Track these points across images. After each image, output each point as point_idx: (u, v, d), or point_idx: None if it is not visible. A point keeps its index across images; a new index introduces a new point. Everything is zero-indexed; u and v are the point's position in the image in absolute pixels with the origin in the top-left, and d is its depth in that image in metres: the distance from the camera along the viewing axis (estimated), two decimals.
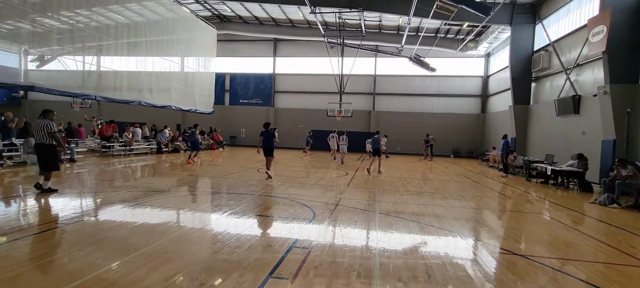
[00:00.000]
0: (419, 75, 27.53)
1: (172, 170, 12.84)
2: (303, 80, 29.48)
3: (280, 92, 30.03)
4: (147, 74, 17.96)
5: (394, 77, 28.16)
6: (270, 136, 10.81)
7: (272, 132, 10.93)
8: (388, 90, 28.26)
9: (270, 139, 10.81)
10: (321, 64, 28.16)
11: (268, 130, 10.94)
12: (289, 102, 29.76)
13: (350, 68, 25.04)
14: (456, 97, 27.23)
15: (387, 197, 8.72)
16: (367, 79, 28.52)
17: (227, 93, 30.69)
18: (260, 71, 30.23)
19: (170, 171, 12.46)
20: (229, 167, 13.79)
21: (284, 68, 29.90)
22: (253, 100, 30.17)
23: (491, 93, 25.59)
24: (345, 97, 26.00)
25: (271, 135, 10.83)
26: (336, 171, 14.28)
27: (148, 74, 18.05)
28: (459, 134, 26.80)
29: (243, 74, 30.35)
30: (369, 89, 28.52)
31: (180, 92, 21.19)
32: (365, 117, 28.27)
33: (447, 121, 26.93)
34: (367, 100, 28.60)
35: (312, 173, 13.14)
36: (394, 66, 27.89)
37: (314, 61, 29.09)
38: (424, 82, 27.62)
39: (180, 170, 12.86)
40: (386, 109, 28.23)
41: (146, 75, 17.91)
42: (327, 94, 27.95)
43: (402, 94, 28.01)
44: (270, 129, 10.90)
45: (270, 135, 10.81)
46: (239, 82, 30.38)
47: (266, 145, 10.91)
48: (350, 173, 13.40)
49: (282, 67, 29.98)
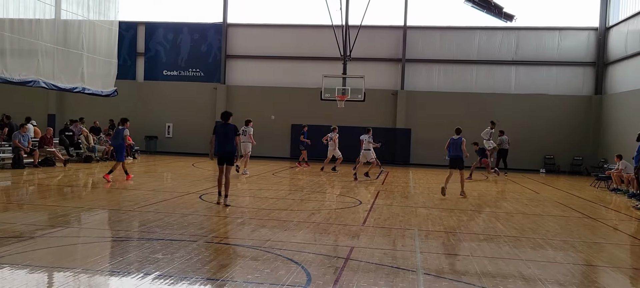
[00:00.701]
0: (484, 28, 27.80)
1: (44, 195, 12.57)
2: (277, 36, 29.58)
3: (236, 57, 30.09)
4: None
5: (438, 30, 28.44)
6: (230, 134, 11.26)
7: (233, 128, 11.34)
8: (428, 54, 28.49)
9: (231, 138, 11.28)
10: (310, 8, 28.21)
11: (227, 125, 11.33)
12: (252, 76, 29.84)
13: (362, 15, 25.14)
14: (549, 66, 27.66)
15: (434, 244, 8.67)
16: (391, 34, 28.77)
17: (140, 59, 30.55)
18: (199, 19, 30.20)
19: (40, 198, 12.16)
20: (149, 192, 13.63)
21: (243, 14, 29.90)
22: (187, 72, 30.10)
23: (614, 58, 26.01)
24: (354, 66, 26.03)
25: (232, 133, 11.29)
26: (338, 197, 14.25)
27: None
28: (555, 132, 27.17)
29: (169, 24, 30.37)
30: (394, 52, 28.76)
31: (54, 57, 20.96)
32: (388, 100, 28.43)
33: (533, 109, 27.33)
34: (391, 72, 28.79)
35: (299, 200, 13.08)
36: (439, 11, 28.11)
37: (298, 1, 29.11)
38: (492, 40, 27.96)
39: (58, 195, 12.57)
40: (424, 87, 28.45)
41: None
42: (321, 62, 27.99)
43: (452, 61, 28.27)
44: (231, 124, 11.43)
45: (230, 133, 11.26)
46: (161, 39, 30.34)
47: (222, 149, 11.37)
48: (366, 200, 13.38)
49: (239, 12, 29.97)
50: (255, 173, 19.67)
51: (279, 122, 28.00)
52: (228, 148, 11.47)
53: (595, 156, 26.19)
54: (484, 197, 15.72)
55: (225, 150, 11.47)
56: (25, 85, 19.94)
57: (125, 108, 28.69)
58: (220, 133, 11.50)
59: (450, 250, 8.23)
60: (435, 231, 9.78)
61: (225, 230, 8.97)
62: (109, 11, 24.79)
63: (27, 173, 17.45)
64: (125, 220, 9.88)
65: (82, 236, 8.70)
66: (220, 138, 11.49)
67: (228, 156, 11.51)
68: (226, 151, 11.48)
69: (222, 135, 11.43)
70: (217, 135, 11.61)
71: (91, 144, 22.39)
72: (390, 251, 8.05)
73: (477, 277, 6.74)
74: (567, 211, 13.25)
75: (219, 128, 11.59)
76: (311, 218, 10.52)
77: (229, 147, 11.46)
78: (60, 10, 21.75)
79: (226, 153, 11.51)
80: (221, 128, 11.50)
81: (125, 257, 7.19)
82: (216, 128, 11.73)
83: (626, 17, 24.42)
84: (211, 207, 11.40)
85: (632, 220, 12.46)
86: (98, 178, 17.21)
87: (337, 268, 6.87)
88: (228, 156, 11.51)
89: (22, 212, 10.61)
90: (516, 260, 7.77)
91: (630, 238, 10.46)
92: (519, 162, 26.56)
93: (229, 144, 11.42)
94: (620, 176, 18.05)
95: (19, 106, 26.44)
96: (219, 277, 6.28)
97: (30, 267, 6.50)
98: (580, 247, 8.99)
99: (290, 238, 8.60)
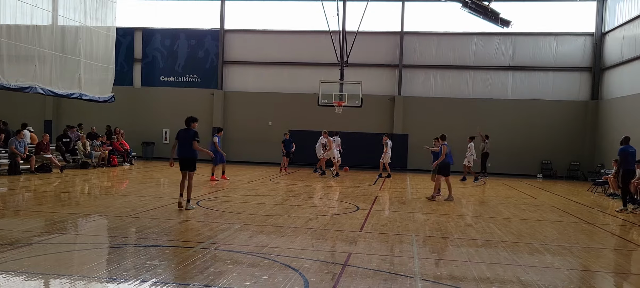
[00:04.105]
0: (481, 33, 27.88)
1: (40, 202, 12.56)
2: (274, 42, 29.60)
3: (233, 63, 30.11)
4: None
5: (435, 36, 28.51)
6: (189, 139, 11.45)
7: (193, 134, 11.49)
8: (424, 60, 28.57)
9: (189, 144, 11.45)
10: (307, 14, 28.27)
11: (188, 130, 11.56)
12: (249, 82, 29.86)
13: (359, 21, 25.18)
14: (546, 72, 27.76)
15: (432, 250, 8.67)
16: (388, 39, 28.83)
17: (137, 65, 30.54)
18: (197, 25, 30.23)
19: (37, 204, 12.18)
20: (146, 198, 13.59)
21: (240, 19, 29.93)
22: (185, 78, 30.09)
23: (610, 64, 26.13)
24: (351, 72, 26.08)
25: (191, 139, 11.45)
26: (336, 203, 14.24)
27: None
28: (552, 138, 27.26)
29: (167, 30, 30.39)
30: (391, 57, 28.82)
31: (51, 63, 20.96)
32: (385, 106, 28.48)
33: (530, 114, 27.39)
34: (389, 78, 28.85)
35: (296, 206, 13.04)
36: (436, 17, 28.19)
37: (295, 7, 29.15)
38: (489, 46, 28.06)
39: (54, 202, 12.57)
40: (421, 92, 28.51)
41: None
42: (319, 67, 28.05)
43: (449, 67, 28.35)
44: (193, 130, 11.59)
45: (189, 138, 11.45)
46: (158, 45, 30.33)
47: (182, 155, 11.48)
48: (364, 206, 13.36)
49: (237, 18, 30.01)
50: (252, 180, 19.65)
51: (276, 128, 28.00)
52: (188, 154, 11.49)
53: (592, 161, 26.26)
54: (481, 203, 15.72)
55: (185, 156, 11.50)
56: (22, 91, 19.92)
57: (122, 114, 28.72)
58: (181, 138, 11.52)
59: (448, 256, 8.21)
60: (433, 237, 9.77)
61: (222, 237, 8.94)
62: (106, 17, 24.81)
63: (23, 179, 17.39)
64: (122, 226, 9.86)
65: (78, 243, 8.67)
66: (181, 143, 11.53)
67: (188, 162, 11.54)
68: (186, 157, 11.50)
69: (183, 141, 11.48)
70: (179, 140, 11.58)
71: (88, 150, 22.33)
72: (388, 257, 8.04)
73: (475, 282, 6.73)
74: (564, 216, 13.25)
75: (181, 134, 11.56)
76: (309, 224, 10.50)
77: (189, 153, 11.49)
78: (57, 16, 21.77)
79: (186, 159, 11.53)
80: (183, 133, 11.52)
81: (122, 263, 7.18)
82: (178, 134, 11.62)
83: (622, 22, 24.53)
84: (208, 213, 11.40)
85: (629, 225, 12.47)
86: (94, 184, 17.19)
87: (335, 275, 6.85)
88: (188, 162, 11.54)
89: (18, 218, 10.56)
90: (514, 265, 7.76)
91: (627, 243, 10.47)
92: (516, 167, 26.62)
93: (188, 149, 11.45)
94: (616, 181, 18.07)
95: (15, 112, 26.42)
96: (216, 284, 6.26)
97: (26, 274, 6.47)
98: (578, 252, 8.98)
99: (288, 245, 8.57)
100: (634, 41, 22.62)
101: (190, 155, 11.52)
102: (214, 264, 7.18)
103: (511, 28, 25.64)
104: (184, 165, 11.56)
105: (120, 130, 25.78)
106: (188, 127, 11.58)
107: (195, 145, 11.44)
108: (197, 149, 11.54)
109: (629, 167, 14.33)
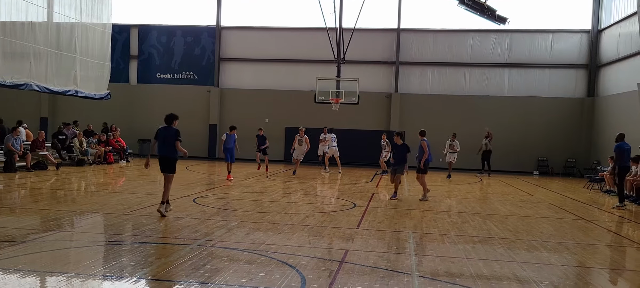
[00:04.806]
0: (477, 30, 27.89)
1: (36, 199, 12.57)
2: (271, 39, 29.57)
3: (230, 60, 30.04)
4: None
5: (432, 33, 28.53)
6: (170, 138, 10.50)
7: (175, 133, 10.57)
8: (421, 57, 28.60)
9: (171, 143, 10.50)
10: (304, 10, 28.23)
11: (169, 129, 10.63)
12: (246, 79, 29.81)
13: (356, 18, 25.19)
14: (542, 69, 27.80)
15: (429, 247, 8.68)
16: (385, 36, 28.83)
17: (133, 62, 30.46)
18: (193, 22, 30.20)
19: (33, 202, 12.18)
20: (142, 195, 13.57)
21: (237, 16, 29.92)
22: (181, 75, 30.02)
23: (606, 61, 26.17)
24: (348, 69, 26.06)
25: (173, 138, 10.50)
26: (333, 200, 14.26)
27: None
28: (548, 135, 27.31)
29: (162, 27, 30.28)
30: (388, 54, 28.81)
31: (46, 60, 20.87)
32: (382, 103, 28.49)
33: (526, 111, 27.44)
34: (385, 75, 28.85)
35: (293, 203, 13.05)
36: (432, 14, 28.20)
37: (291, 3, 29.10)
38: (485, 43, 28.08)
39: (50, 199, 12.56)
40: (418, 89, 28.53)
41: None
42: (315, 64, 28.00)
43: (446, 64, 28.38)
44: (174, 128, 10.67)
45: (170, 137, 10.51)
46: (155, 42, 30.25)
47: (164, 154, 10.56)
48: (360, 203, 13.38)
49: (233, 15, 29.98)
50: (250, 177, 19.64)
51: (273, 125, 27.99)
52: (167, 154, 10.53)
53: (588, 158, 26.32)
54: (478, 199, 15.75)
55: (166, 156, 10.54)
56: (17, 88, 19.82)
57: (118, 111, 28.64)
58: (161, 138, 10.60)
59: (445, 253, 8.23)
60: (429, 233, 9.80)
61: (219, 234, 8.94)
62: (101, 14, 24.71)
63: (19, 176, 17.34)
64: (118, 224, 9.84)
65: (74, 240, 8.65)
66: (161, 143, 10.60)
67: (168, 163, 10.57)
68: (167, 157, 10.54)
69: (163, 140, 10.56)
70: (159, 140, 10.66)
71: (84, 148, 22.27)
72: (385, 254, 8.04)
73: (471, 279, 6.75)
74: (560, 213, 13.30)
75: (161, 132, 10.64)
76: (305, 221, 10.51)
77: (169, 153, 10.53)
78: (53, 12, 21.67)
79: (167, 160, 10.56)
80: (163, 132, 10.60)
81: (119, 260, 7.17)
82: (158, 133, 10.69)
83: (618, 19, 24.56)
84: (205, 210, 11.39)
85: (624, 222, 12.52)
86: (90, 181, 17.16)
87: (332, 272, 6.87)
88: (168, 163, 10.57)
89: (14, 216, 10.54)
90: (511, 262, 7.79)
91: (623, 239, 10.51)
92: (513, 164, 26.66)
93: (168, 149, 10.50)
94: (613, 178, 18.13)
95: (10, 109, 26.31)
96: (213, 281, 6.26)
97: (22, 271, 6.46)
98: (574, 248, 9.02)
99: (285, 242, 8.57)
100: (630, 38, 22.64)
101: (171, 156, 10.56)
102: (211, 261, 7.17)
103: (508, 25, 25.72)
104: (164, 166, 10.58)
105: (116, 128, 25.72)
106: (169, 124, 10.63)
107: (178, 146, 10.51)
108: (180, 150, 10.59)
109: (624, 164, 14.38)
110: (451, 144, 22.79)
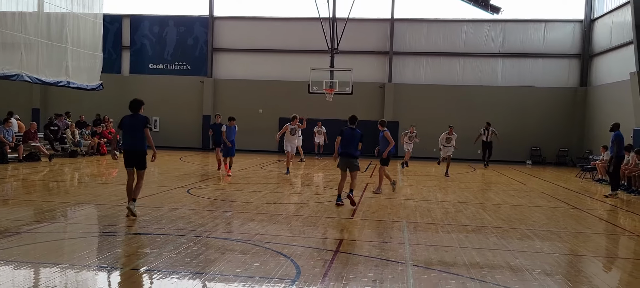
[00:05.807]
0: (471, 20, 27.87)
1: (29, 190, 12.55)
2: (264, 29, 29.44)
3: (223, 50, 29.93)
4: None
5: (425, 23, 28.51)
6: (139, 127, 9.23)
7: (144, 120, 9.28)
8: (415, 46, 28.58)
9: (139, 133, 9.23)
10: (297, 0, 28.11)
11: (136, 116, 9.32)
12: (239, 69, 29.72)
13: (350, 8, 25.10)
14: (535, 58, 27.86)
15: (423, 236, 8.73)
16: (378, 26, 28.77)
17: (126, 52, 30.28)
18: (186, 12, 30.06)
19: (25, 193, 12.16)
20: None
21: (230, 6, 29.77)
22: (174, 66, 29.88)
23: (599, 50, 26.25)
24: (341, 59, 26.02)
25: (141, 126, 9.22)
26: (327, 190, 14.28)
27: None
28: (541, 125, 27.43)
29: (155, 17, 30.10)
30: (381, 44, 28.77)
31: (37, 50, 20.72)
32: (376, 93, 28.49)
33: (520, 101, 27.53)
34: (379, 65, 28.83)
35: (288, 194, 13.09)
36: (426, 3, 28.18)
37: None
38: (479, 33, 28.09)
39: (43, 190, 12.53)
40: (412, 79, 28.53)
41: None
42: (309, 55, 27.93)
43: (439, 54, 28.38)
44: (142, 115, 9.39)
45: (139, 126, 9.23)
46: (147, 32, 30.06)
47: (130, 147, 9.32)
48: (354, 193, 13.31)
49: (226, 5, 29.84)
50: (243, 167, 19.62)
51: (267, 116, 27.96)
52: (136, 146, 9.22)
53: (580, 147, 26.48)
54: (471, 189, 15.83)
55: (133, 149, 9.24)
56: (8, 79, 19.69)
57: (111, 102, 28.44)
58: (126, 127, 9.31)
59: (439, 242, 8.27)
60: (423, 223, 9.84)
61: (213, 224, 8.95)
62: (93, 3, 24.55)
63: (11, 168, 17.25)
64: (112, 215, 9.82)
65: (68, 231, 8.63)
66: (126, 133, 9.36)
67: (136, 156, 9.23)
68: (133, 149, 9.24)
69: (129, 130, 9.28)
70: (123, 129, 9.38)
71: (76, 139, 22.18)
72: (379, 243, 8.09)
73: (465, 268, 6.80)
74: (553, 202, 13.39)
75: (125, 121, 9.32)
76: (300, 212, 10.53)
77: (137, 145, 9.21)
78: (44, 2, 21.51)
79: (133, 152, 9.24)
80: (129, 120, 9.29)
81: (113, 251, 7.17)
82: (123, 122, 9.36)
83: (611, 9, 24.64)
84: (199, 201, 11.38)
85: (616, 210, 12.63)
86: (83, 172, 17.10)
87: (326, 261, 6.90)
88: (136, 156, 9.23)
89: (7, 207, 10.51)
90: (504, 250, 7.84)
91: (615, 227, 10.62)
92: (506, 153, 26.76)
93: (137, 140, 9.20)
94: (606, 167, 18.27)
95: (1, 100, 26.19)
96: (208, 271, 6.28)
97: (16, 262, 6.46)
98: (566, 237, 9.10)
99: (279, 232, 8.61)
100: (623, 27, 22.72)
101: (139, 148, 9.22)
102: (206, 252, 7.19)
103: (501, 15, 25.75)
104: (130, 160, 9.27)
105: (109, 119, 25.60)
106: (135, 112, 9.31)
107: (147, 135, 9.22)
108: (150, 142, 9.33)
109: (622, 153, 14.55)
110: (448, 138, 19.51)
